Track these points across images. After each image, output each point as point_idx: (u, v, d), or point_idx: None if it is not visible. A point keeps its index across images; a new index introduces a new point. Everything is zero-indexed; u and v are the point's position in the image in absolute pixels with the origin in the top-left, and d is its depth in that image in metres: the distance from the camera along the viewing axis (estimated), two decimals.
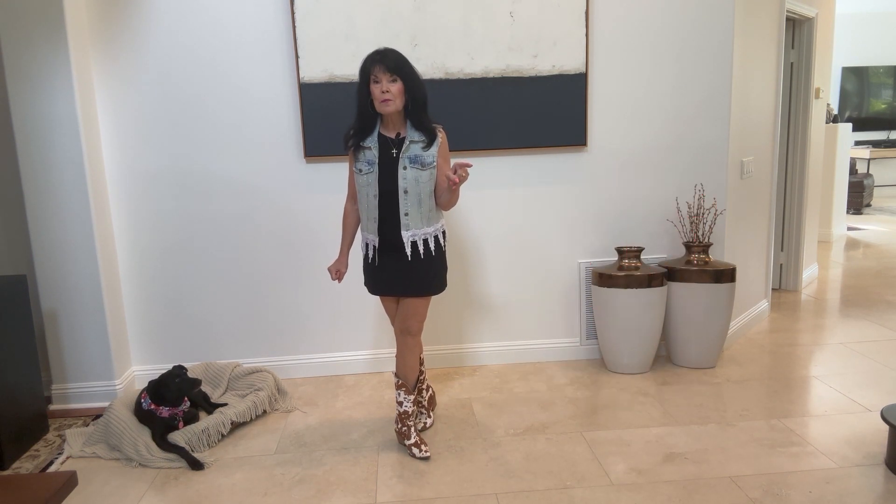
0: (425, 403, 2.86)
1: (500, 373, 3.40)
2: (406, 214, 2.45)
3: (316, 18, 3.10)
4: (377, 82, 2.36)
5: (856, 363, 3.37)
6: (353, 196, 2.62)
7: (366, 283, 2.66)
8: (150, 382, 2.73)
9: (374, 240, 2.52)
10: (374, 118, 2.46)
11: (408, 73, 2.38)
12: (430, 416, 2.85)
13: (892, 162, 9.23)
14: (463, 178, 2.32)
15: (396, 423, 2.67)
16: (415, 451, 2.57)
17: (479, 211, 3.39)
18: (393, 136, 2.46)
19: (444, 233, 2.59)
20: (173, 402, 2.69)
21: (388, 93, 2.35)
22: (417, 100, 2.41)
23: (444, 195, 2.48)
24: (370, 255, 2.57)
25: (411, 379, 2.63)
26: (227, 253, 3.32)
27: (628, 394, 3.10)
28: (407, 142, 2.43)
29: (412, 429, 2.62)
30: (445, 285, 2.63)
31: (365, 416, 2.96)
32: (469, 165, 2.32)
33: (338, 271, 2.67)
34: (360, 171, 2.47)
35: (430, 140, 2.45)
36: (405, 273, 2.51)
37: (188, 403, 2.80)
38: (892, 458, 2.35)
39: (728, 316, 3.32)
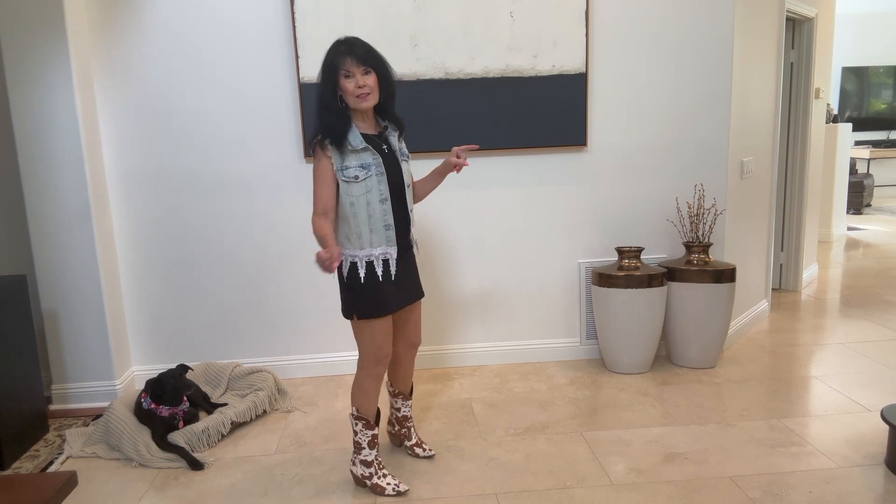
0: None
1: (500, 373, 3.40)
2: (411, 211, 2.33)
3: (316, 18, 3.10)
4: (349, 76, 2.14)
5: (856, 363, 3.37)
6: (326, 211, 2.19)
7: (376, 308, 2.24)
8: (148, 381, 2.74)
9: (392, 252, 2.24)
10: (348, 116, 2.20)
11: (380, 63, 2.19)
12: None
13: (892, 162, 9.23)
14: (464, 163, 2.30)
15: (393, 425, 2.65)
16: (418, 451, 2.57)
17: (479, 211, 3.38)
18: (375, 132, 2.27)
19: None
20: (171, 401, 2.69)
21: (365, 87, 2.14)
22: (391, 91, 2.24)
23: (431, 183, 2.42)
24: (389, 272, 2.25)
25: (410, 386, 2.62)
26: (226, 253, 3.32)
27: (628, 394, 3.09)
28: (394, 134, 2.31)
29: (412, 430, 2.62)
30: None
31: None
32: (475, 147, 2.31)
33: (331, 256, 1.97)
34: (357, 178, 2.16)
35: (402, 130, 2.34)
36: (413, 277, 2.40)
37: (188, 403, 2.80)
38: (892, 458, 2.35)
39: (728, 316, 3.32)
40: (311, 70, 3.14)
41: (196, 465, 2.55)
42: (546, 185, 3.39)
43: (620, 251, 3.29)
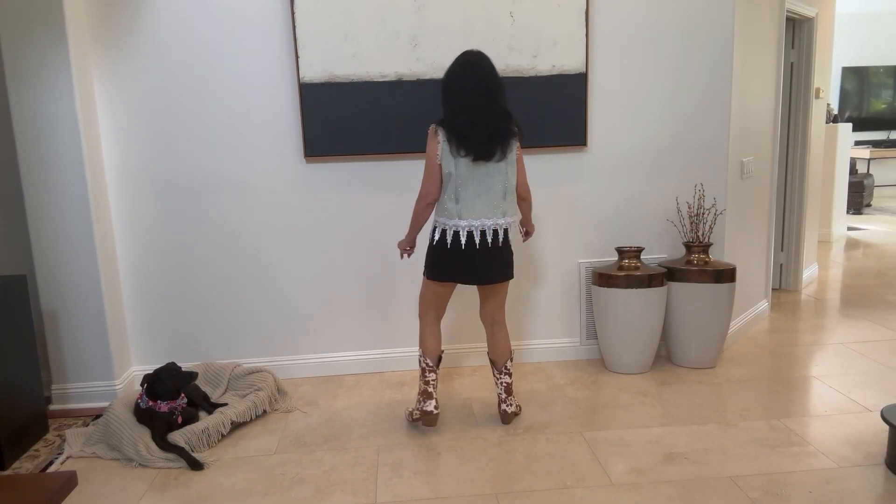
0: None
1: None
2: None
3: (316, 18, 3.10)
4: None
5: (856, 363, 3.37)
6: None
7: None
8: (145, 377, 2.74)
9: None
10: None
11: None
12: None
13: (892, 162, 9.23)
14: None
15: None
16: (503, 407, 2.83)
17: None
18: None
19: (433, 228, 2.69)
20: (169, 395, 2.69)
21: None
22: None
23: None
24: None
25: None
26: (226, 253, 3.32)
27: (628, 394, 3.10)
28: None
29: (500, 395, 2.86)
30: (424, 270, 2.76)
31: (365, 416, 2.96)
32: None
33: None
34: None
35: None
36: None
37: (185, 399, 2.80)
38: (892, 458, 2.35)
39: (728, 316, 3.32)
40: (312, 70, 3.14)
41: (196, 465, 2.55)
42: (546, 185, 3.39)
43: (620, 251, 3.29)
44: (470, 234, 2.58)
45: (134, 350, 3.37)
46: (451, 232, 2.59)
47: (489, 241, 2.60)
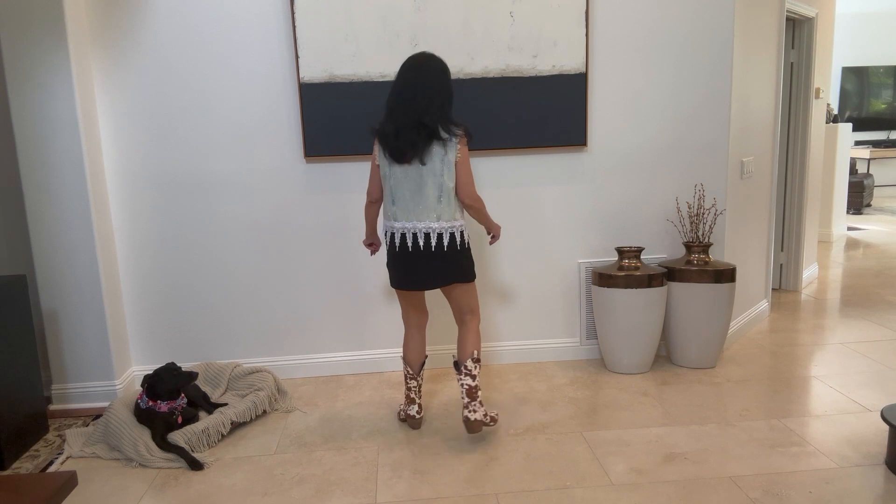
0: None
1: (500, 373, 3.40)
2: None
3: (316, 18, 3.10)
4: None
5: (856, 363, 3.37)
6: None
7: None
8: (145, 377, 2.74)
9: None
10: None
11: None
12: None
13: (892, 162, 9.24)
14: None
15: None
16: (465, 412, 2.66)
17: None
18: None
19: (384, 233, 2.67)
20: (169, 395, 2.69)
21: None
22: None
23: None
24: None
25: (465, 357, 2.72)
26: (226, 253, 3.32)
27: (628, 394, 3.10)
28: None
29: (464, 401, 2.65)
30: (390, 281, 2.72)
31: (365, 416, 2.96)
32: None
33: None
34: None
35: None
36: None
37: (185, 399, 2.80)
38: (892, 458, 2.35)
39: (728, 316, 3.32)
40: (312, 70, 3.14)
41: (196, 465, 2.55)
42: (546, 185, 3.39)
43: (620, 251, 3.29)
44: (404, 237, 2.54)
45: (134, 350, 3.37)
46: (389, 234, 2.60)
47: (421, 244, 2.52)
